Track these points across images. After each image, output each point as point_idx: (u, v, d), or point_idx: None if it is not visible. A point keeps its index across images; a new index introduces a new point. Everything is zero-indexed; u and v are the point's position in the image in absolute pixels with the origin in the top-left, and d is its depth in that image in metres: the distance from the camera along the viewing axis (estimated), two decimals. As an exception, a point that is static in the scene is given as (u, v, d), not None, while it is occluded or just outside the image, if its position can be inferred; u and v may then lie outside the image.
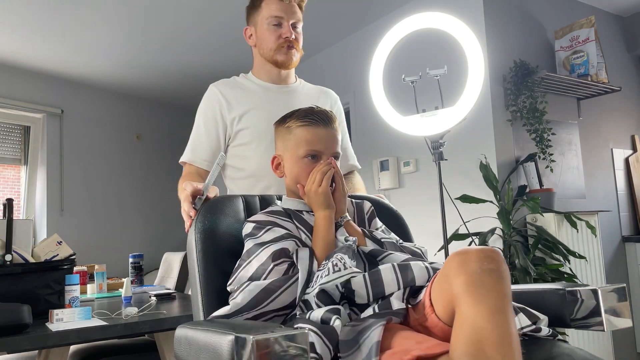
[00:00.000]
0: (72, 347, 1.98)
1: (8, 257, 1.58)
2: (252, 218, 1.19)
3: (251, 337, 0.73)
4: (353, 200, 1.33)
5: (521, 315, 0.98)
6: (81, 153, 4.36)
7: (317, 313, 0.97)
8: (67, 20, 3.25)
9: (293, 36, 1.57)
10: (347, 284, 1.01)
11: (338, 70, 3.66)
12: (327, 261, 1.05)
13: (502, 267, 0.85)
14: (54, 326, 1.39)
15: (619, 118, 3.36)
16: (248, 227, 1.17)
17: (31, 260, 1.66)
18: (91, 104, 4.45)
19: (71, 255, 1.77)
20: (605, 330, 1.02)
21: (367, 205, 1.33)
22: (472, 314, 0.81)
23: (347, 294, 1.02)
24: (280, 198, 1.32)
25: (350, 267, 1.01)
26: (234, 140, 1.58)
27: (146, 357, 2.04)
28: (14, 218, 1.63)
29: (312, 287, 1.03)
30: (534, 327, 0.98)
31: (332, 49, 3.73)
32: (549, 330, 1.01)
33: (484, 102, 2.68)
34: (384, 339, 0.88)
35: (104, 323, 1.44)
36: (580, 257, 2.43)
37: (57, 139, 4.23)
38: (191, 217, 1.20)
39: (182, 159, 1.61)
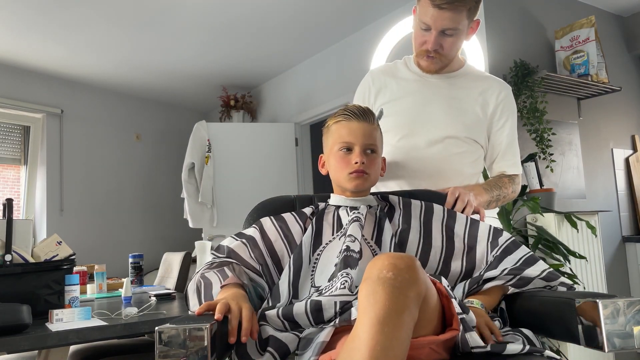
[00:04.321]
0: (72, 347, 1.98)
1: (8, 257, 1.58)
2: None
3: (156, 327, 0.84)
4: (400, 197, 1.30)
5: (473, 334, 0.91)
6: (81, 153, 4.36)
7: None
8: (67, 20, 3.25)
9: (435, 48, 1.41)
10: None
11: (338, 70, 3.66)
12: (334, 279, 1.07)
13: (400, 277, 0.80)
14: (54, 326, 1.39)
15: (619, 118, 3.36)
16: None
17: (31, 260, 1.66)
18: (91, 104, 4.45)
19: (71, 255, 1.77)
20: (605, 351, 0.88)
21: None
22: (356, 323, 0.80)
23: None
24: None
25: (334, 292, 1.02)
26: None
27: (146, 357, 2.04)
28: (14, 218, 1.63)
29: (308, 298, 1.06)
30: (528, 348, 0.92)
31: (332, 49, 3.73)
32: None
33: (484, 102, 2.68)
34: (335, 340, 0.90)
35: (104, 323, 1.44)
36: (581, 257, 2.43)
37: (57, 139, 4.23)
38: None
39: None
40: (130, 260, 2.38)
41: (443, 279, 1.04)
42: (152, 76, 4.27)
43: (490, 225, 1.22)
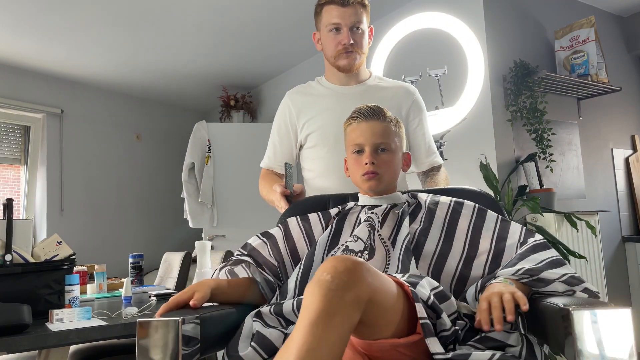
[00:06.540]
0: (72, 347, 1.98)
1: (8, 257, 1.58)
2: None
3: (137, 319, 0.95)
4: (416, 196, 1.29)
5: (434, 339, 0.88)
6: (81, 153, 4.36)
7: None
8: (67, 20, 3.25)
9: (351, 42, 1.57)
10: None
11: (338, 70, 3.66)
12: None
13: (337, 279, 0.81)
14: (54, 326, 1.39)
15: (619, 118, 3.36)
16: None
17: (31, 260, 1.66)
18: (91, 104, 4.45)
19: (71, 255, 1.76)
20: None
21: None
22: (296, 324, 0.82)
23: None
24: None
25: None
26: (305, 143, 1.68)
27: (146, 357, 2.04)
28: (14, 218, 1.63)
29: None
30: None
31: (332, 49, 3.73)
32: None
33: (484, 102, 2.68)
34: None
35: (104, 323, 1.43)
36: (581, 257, 2.43)
37: (57, 139, 4.23)
38: (282, 207, 1.48)
39: (262, 165, 1.81)
40: (130, 260, 2.37)
41: (429, 279, 1.01)
42: (152, 76, 4.26)
43: (522, 227, 1.17)
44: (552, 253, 1.05)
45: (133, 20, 3.27)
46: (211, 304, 1.11)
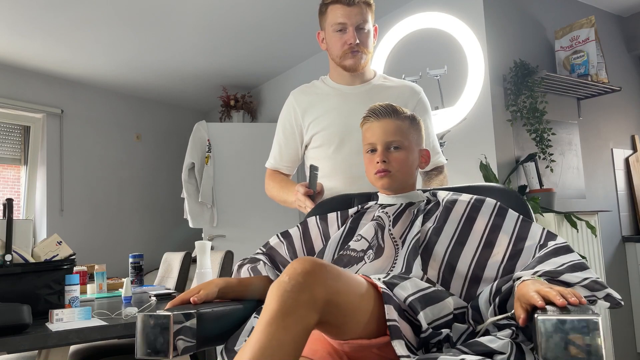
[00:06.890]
0: (72, 347, 1.98)
1: (8, 257, 1.58)
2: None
3: (137, 313, 1.04)
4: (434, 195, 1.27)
5: (399, 342, 0.87)
6: (81, 153, 4.36)
7: None
8: (67, 20, 3.25)
9: (357, 41, 1.57)
10: None
11: (338, 70, 3.66)
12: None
13: (294, 280, 0.83)
14: (54, 326, 1.39)
15: (619, 118, 3.36)
16: None
17: (31, 260, 1.66)
18: (91, 104, 4.45)
19: (71, 255, 1.76)
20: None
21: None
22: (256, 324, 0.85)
23: None
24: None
25: None
26: (311, 143, 1.68)
27: (146, 357, 2.04)
28: (14, 218, 1.63)
29: None
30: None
31: (332, 49, 3.73)
32: None
33: (484, 102, 2.68)
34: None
35: (104, 323, 1.44)
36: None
37: (57, 139, 4.23)
38: (308, 207, 1.48)
39: (267, 165, 1.80)
40: (130, 260, 2.37)
41: (414, 280, 1.00)
42: (153, 76, 4.26)
43: (544, 228, 1.12)
44: (574, 257, 1.01)
45: (133, 20, 3.27)
46: (217, 301, 1.14)
